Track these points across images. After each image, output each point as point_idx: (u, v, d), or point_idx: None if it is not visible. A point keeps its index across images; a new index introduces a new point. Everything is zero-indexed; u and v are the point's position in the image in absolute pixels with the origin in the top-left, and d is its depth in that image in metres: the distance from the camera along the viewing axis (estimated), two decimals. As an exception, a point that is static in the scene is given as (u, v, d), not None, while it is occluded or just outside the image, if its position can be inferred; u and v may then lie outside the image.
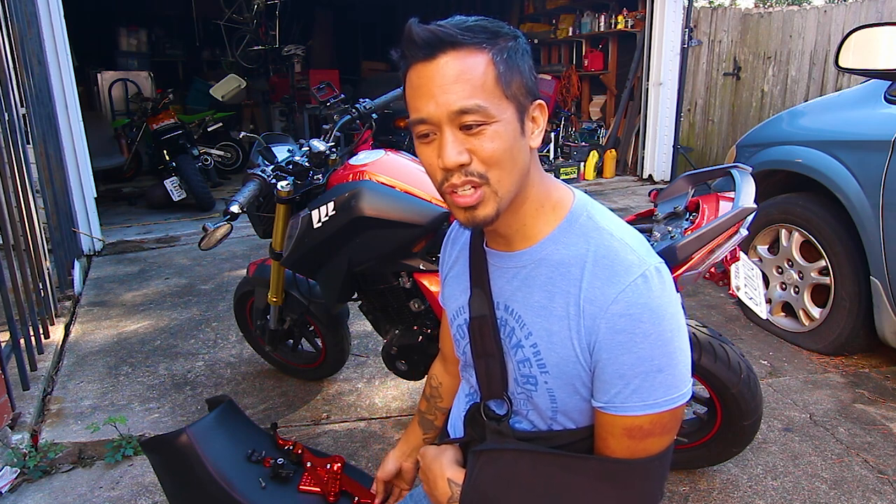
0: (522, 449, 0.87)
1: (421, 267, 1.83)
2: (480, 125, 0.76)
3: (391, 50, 0.84)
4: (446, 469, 0.92)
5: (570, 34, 7.01)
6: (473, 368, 0.94)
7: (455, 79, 0.75)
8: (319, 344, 2.50)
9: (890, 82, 2.46)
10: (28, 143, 3.28)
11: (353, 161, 1.93)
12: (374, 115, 2.13)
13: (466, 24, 0.78)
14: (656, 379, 0.78)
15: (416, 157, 1.99)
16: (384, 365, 2.12)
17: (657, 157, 6.23)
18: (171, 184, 5.61)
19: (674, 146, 6.01)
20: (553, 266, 0.84)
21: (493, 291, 0.90)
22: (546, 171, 0.90)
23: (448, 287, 1.01)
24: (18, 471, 2.06)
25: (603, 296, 0.79)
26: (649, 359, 0.77)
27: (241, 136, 3.25)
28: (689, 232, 1.62)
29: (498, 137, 0.77)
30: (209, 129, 6.79)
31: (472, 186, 0.79)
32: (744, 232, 1.59)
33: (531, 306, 0.85)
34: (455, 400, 1.08)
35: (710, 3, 9.35)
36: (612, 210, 0.91)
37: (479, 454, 0.88)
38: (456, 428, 1.03)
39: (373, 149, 2.02)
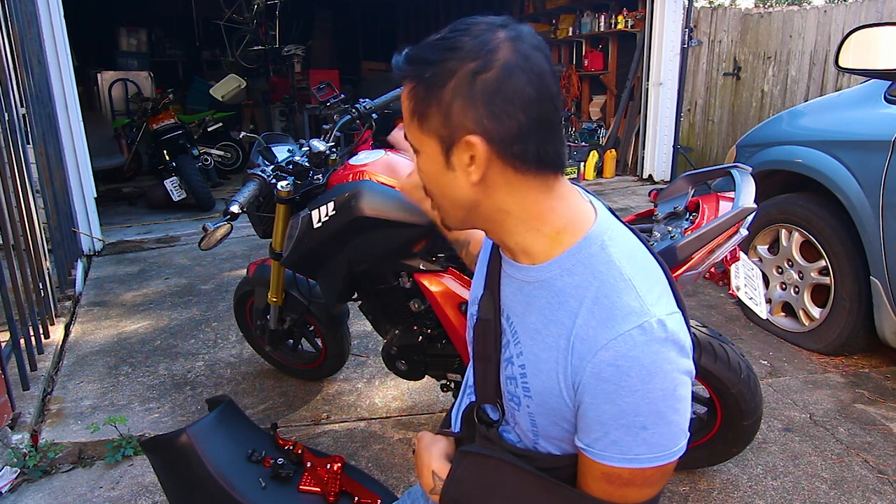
0: (506, 460, 0.85)
1: (421, 267, 1.83)
2: (416, 151, 0.82)
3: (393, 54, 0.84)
4: (434, 461, 0.92)
5: (570, 34, 7.01)
6: (473, 368, 0.94)
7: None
8: (319, 344, 2.50)
9: (890, 82, 2.46)
10: (28, 143, 3.28)
11: (353, 161, 1.93)
12: (374, 115, 2.13)
13: (423, 48, 0.77)
14: (639, 435, 0.73)
15: None
16: (384, 365, 2.12)
17: (657, 157, 6.23)
18: (171, 184, 5.61)
19: (674, 146, 6.00)
20: (554, 292, 0.80)
21: (501, 297, 0.89)
22: None
23: (475, 272, 1.01)
24: (18, 471, 2.06)
25: (594, 338, 0.74)
26: (633, 414, 0.73)
27: (241, 136, 3.25)
28: (689, 232, 1.62)
29: (422, 168, 0.82)
30: (209, 129, 6.79)
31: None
32: (744, 232, 1.59)
33: (527, 326, 0.83)
34: (460, 392, 1.08)
35: (710, 3, 9.35)
36: (611, 210, 0.87)
37: (465, 455, 0.88)
38: (457, 421, 1.03)
39: (373, 149, 2.02)
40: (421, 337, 1.98)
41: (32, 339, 2.65)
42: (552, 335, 0.79)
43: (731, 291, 1.79)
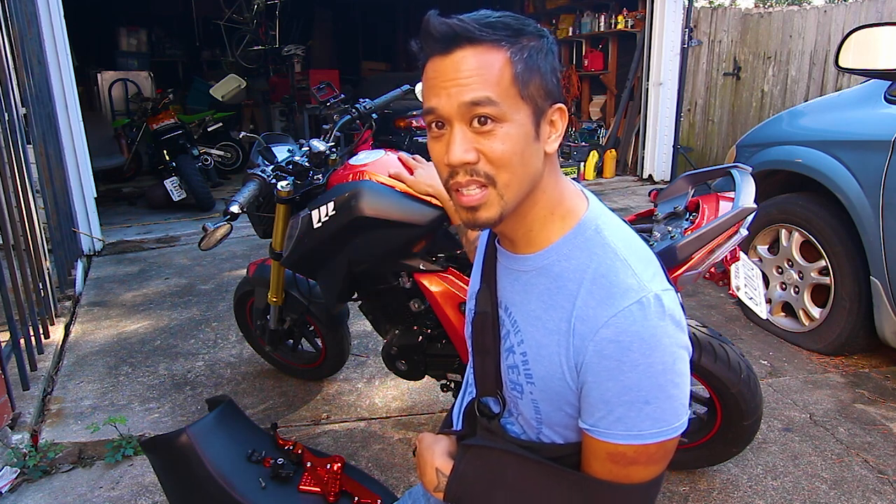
0: (509, 451, 0.86)
1: (421, 267, 1.83)
2: (492, 122, 0.74)
3: (412, 41, 0.80)
4: (436, 459, 0.93)
5: (570, 34, 7.01)
6: (472, 363, 0.94)
7: (469, 74, 0.74)
8: (319, 344, 2.51)
9: (890, 82, 2.46)
10: (28, 143, 3.28)
11: (353, 161, 1.92)
12: (374, 115, 2.13)
13: (488, 19, 0.75)
14: (643, 410, 0.75)
15: (415, 157, 1.99)
16: (384, 365, 2.12)
17: (657, 157, 6.23)
18: (171, 184, 5.61)
19: (674, 146, 6.01)
20: (552, 277, 0.82)
21: (498, 290, 0.90)
22: None
23: (473, 269, 1.02)
24: (18, 471, 2.06)
25: (595, 317, 0.76)
26: (636, 389, 0.74)
27: (241, 136, 3.25)
28: (689, 232, 1.62)
29: (509, 139, 0.75)
30: (209, 129, 6.78)
31: (478, 186, 0.77)
32: (744, 232, 1.59)
33: (527, 314, 0.84)
34: (461, 391, 1.09)
35: (710, 3, 9.35)
36: (612, 210, 0.88)
37: (468, 449, 0.89)
38: (458, 420, 1.04)
39: (373, 149, 2.02)
40: (421, 337, 1.98)
41: (32, 339, 2.65)
42: (553, 319, 0.80)
43: (731, 291, 1.79)
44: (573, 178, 6.79)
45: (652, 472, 0.80)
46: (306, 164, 1.96)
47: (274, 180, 1.92)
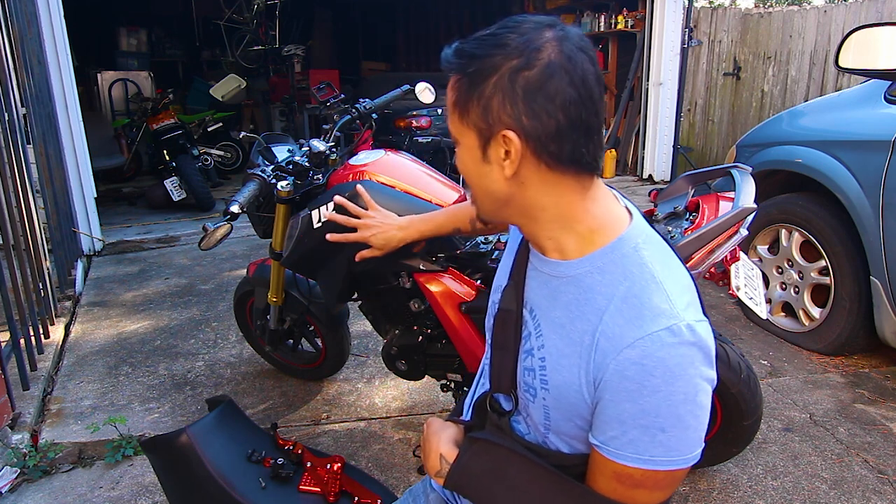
0: (515, 450, 0.86)
1: (421, 267, 1.83)
2: (456, 141, 0.84)
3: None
4: (442, 445, 0.93)
5: (570, 34, 7.01)
6: (489, 356, 0.94)
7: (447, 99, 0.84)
8: (319, 344, 2.51)
9: (890, 82, 2.46)
10: (28, 143, 3.28)
11: (353, 161, 1.93)
12: (374, 115, 2.13)
13: (464, 44, 0.78)
14: (656, 437, 0.74)
15: (416, 157, 2.00)
16: (384, 365, 2.12)
17: (657, 157, 6.23)
18: (171, 184, 5.61)
19: (674, 146, 6.01)
20: (583, 289, 0.81)
21: (525, 289, 0.90)
22: None
23: (501, 262, 1.02)
24: (18, 471, 2.06)
25: (621, 336, 0.75)
26: (653, 415, 0.73)
27: (241, 136, 3.26)
28: (689, 232, 1.62)
29: (460, 158, 0.84)
30: (209, 129, 6.79)
31: None
32: (744, 232, 1.59)
33: (551, 320, 0.83)
34: (474, 381, 1.09)
35: (710, 3, 9.35)
36: (647, 218, 0.87)
37: (474, 441, 0.89)
38: (468, 410, 1.04)
39: (373, 149, 2.02)
40: (421, 337, 1.98)
41: (32, 339, 2.65)
42: (577, 331, 0.80)
43: (731, 291, 1.79)
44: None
45: (657, 497, 0.79)
46: (306, 164, 1.96)
47: (274, 180, 1.92)
